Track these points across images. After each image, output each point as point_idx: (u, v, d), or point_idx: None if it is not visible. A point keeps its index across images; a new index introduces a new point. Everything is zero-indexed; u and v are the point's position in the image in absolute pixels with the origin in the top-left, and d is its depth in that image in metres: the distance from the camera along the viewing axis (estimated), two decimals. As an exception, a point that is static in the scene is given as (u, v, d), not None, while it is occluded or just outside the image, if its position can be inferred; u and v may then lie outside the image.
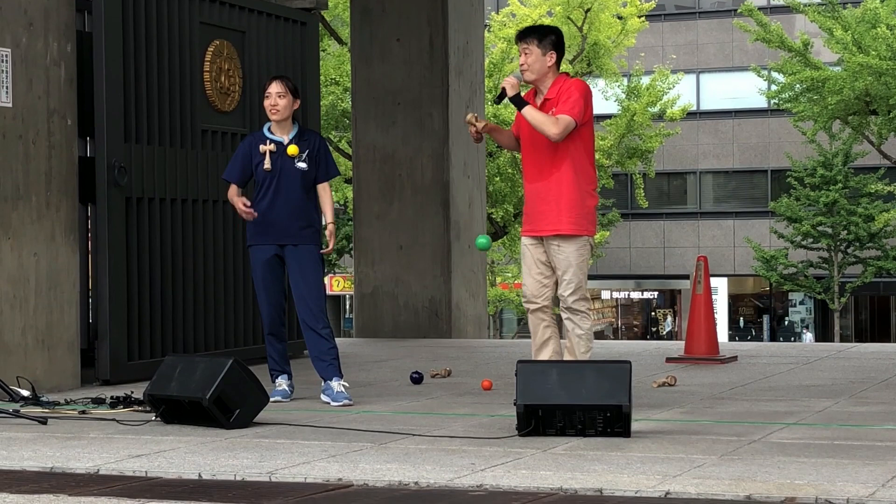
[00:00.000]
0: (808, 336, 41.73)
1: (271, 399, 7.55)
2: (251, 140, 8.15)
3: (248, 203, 8.02)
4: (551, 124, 7.43)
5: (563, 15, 33.40)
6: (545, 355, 7.70)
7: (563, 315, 7.69)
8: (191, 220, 9.97)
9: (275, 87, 8.04)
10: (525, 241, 7.74)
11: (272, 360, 8.17)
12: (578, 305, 7.63)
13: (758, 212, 41.60)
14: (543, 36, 7.63)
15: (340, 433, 6.65)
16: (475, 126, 7.62)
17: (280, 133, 8.08)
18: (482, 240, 7.67)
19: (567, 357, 7.66)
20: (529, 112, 7.50)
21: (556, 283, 7.71)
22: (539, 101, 7.61)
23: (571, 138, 7.54)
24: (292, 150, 8.00)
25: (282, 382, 8.14)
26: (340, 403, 7.83)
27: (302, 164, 8.03)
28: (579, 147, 7.58)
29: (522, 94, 7.58)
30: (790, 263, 37.31)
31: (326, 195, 8.14)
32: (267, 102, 8.04)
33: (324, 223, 8.08)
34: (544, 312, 7.72)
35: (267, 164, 7.98)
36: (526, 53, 7.59)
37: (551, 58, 7.60)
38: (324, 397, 7.95)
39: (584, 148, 7.61)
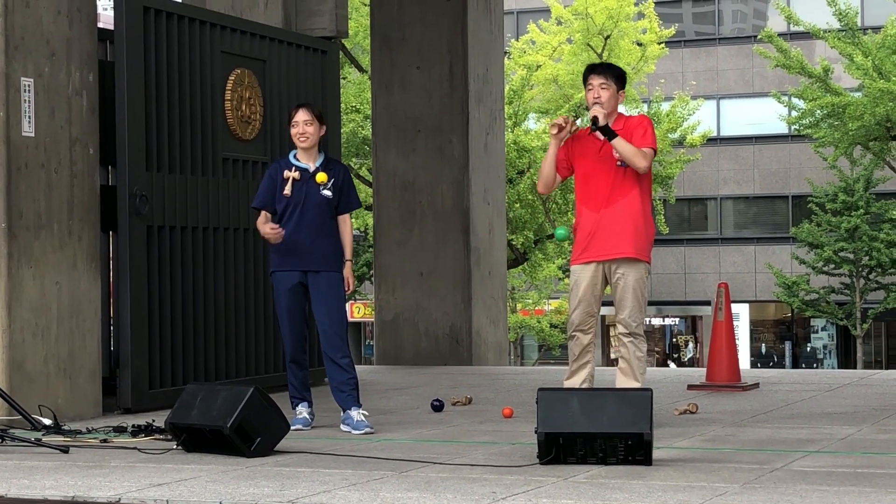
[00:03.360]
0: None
1: (292, 427, 7.54)
2: (277, 166, 8.16)
3: (275, 225, 7.99)
4: (641, 157, 7.75)
5: (582, 42, 33.46)
6: (579, 378, 7.92)
7: (625, 339, 7.91)
8: (212, 249, 9.99)
9: (302, 115, 8.05)
10: (578, 268, 7.87)
11: (293, 388, 8.16)
12: (640, 330, 7.92)
13: (779, 238, 41.50)
14: (619, 76, 7.97)
15: (361, 461, 6.65)
16: (565, 127, 7.83)
17: (306, 160, 8.10)
18: (561, 231, 7.76)
19: (621, 379, 7.89)
20: (620, 143, 7.76)
21: (599, 311, 7.96)
22: (603, 122, 7.84)
23: None
24: (321, 177, 8.00)
25: (302, 410, 8.14)
26: (362, 432, 7.82)
27: (327, 192, 8.04)
28: (646, 176, 7.91)
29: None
30: (812, 289, 37.20)
31: (346, 229, 8.14)
32: (294, 130, 8.05)
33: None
34: (588, 339, 7.96)
35: (287, 190, 8.00)
36: (604, 88, 7.87)
37: (622, 97, 7.97)
38: (344, 427, 7.95)
39: (648, 178, 7.93)
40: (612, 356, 44.10)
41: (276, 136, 10.66)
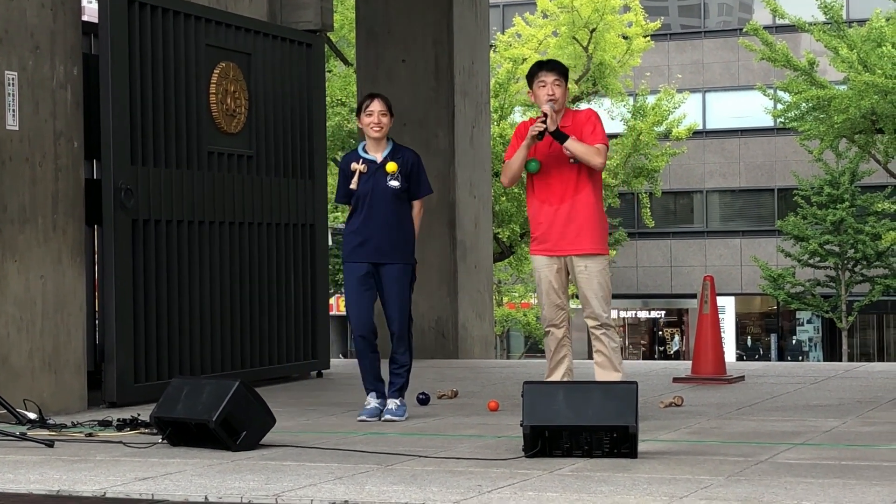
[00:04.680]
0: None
1: (358, 418, 7.91)
2: (347, 159, 8.29)
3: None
4: (594, 154, 7.81)
5: (568, 35, 33.46)
6: (559, 374, 8.00)
7: (597, 332, 7.97)
8: (197, 242, 9.97)
9: (378, 105, 8.16)
10: (540, 262, 7.93)
11: (364, 377, 8.25)
12: (610, 321, 7.98)
13: (765, 230, 41.59)
14: (566, 73, 8.04)
15: (347, 455, 6.65)
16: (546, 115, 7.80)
17: (374, 151, 8.19)
18: (533, 164, 7.79)
19: (600, 372, 7.96)
20: (573, 144, 7.81)
21: (569, 303, 8.04)
22: (555, 124, 7.85)
23: None
24: (391, 167, 8.12)
25: (371, 401, 8.20)
26: (394, 417, 8.05)
27: (394, 183, 8.12)
28: (598, 171, 7.95)
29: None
30: (797, 282, 37.29)
31: (415, 213, 8.24)
32: (369, 120, 8.14)
33: None
34: (562, 333, 8.01)
35: (353, 185, 8.13)
36: (557, 85, 7.92)
37: (568, 93, 8.03)
38: (385, 415, 8.11)
39: (600, 172, 7.96)
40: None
41: (261, 129, 10.65)
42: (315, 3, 11.61)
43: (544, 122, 7.75)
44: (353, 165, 8.18)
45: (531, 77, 7.96)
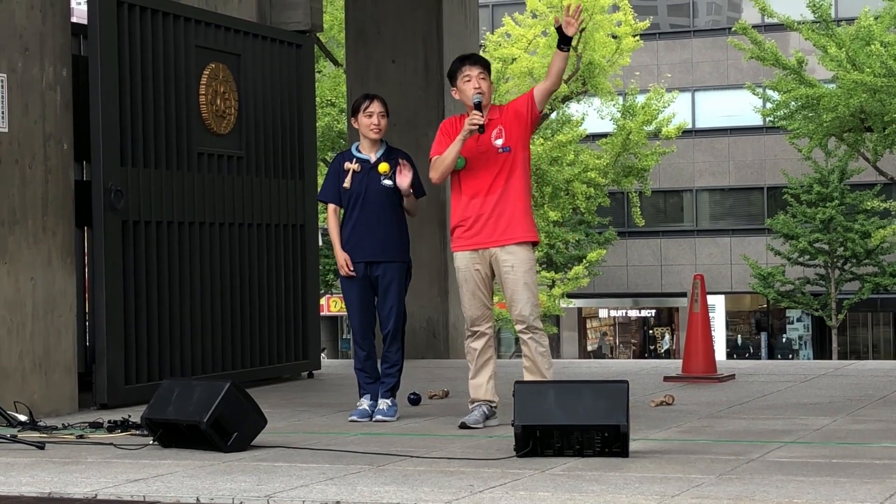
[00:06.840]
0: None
1: (349, 418, 7.97)
2: (340, 159, 8.27)
3: (350, 265, 8.12)
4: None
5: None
6: (486, 374, 7.87)
7: (525, 336, 7.75)
8: (187, 243, 9.97)
9: (377, 107, 8.17)
10: (464, 257, 7.73)
11: (359, 380, 8.24)
12: (537, 322, 7.75)
13: (754, 229, 41.64)
14: (490, 67, 8.00)
15: (338, 455, 6.65)
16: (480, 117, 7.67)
17: (368, 152, 8.20)
18: (461, 160, 7.74)
19: (528, 377, 7.69)
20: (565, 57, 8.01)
21: (493, 302, 7.83)
22: (485, 119, 7.72)
23: (524, 146, 7.77)
24: (383, 167, 8.12)
25: (363, 402, 8.20)
26: (385, 418, 8.05)
27: (388, 182, 8.13)
28: (529, 156, 7.82)
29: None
30: (787, 280, 37.35)
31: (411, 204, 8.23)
32: (369, 121, 8.14)
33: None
34: (487, 333, 7.87)
35: (346, 183, 8.11)
36: (483, 79, 7.81)
37: (493, 87, 7.93)
38: (376, 415, 8.12)
39: (527, 157, 7.83)
40: (589, 349, 44.20)
41: (251, 130, 10.64)
42: (304, 4, 11.61)
43: (480, 115, 7.63)
44: (347, 165, 8.18)
45: (454, 73, 7.82)
